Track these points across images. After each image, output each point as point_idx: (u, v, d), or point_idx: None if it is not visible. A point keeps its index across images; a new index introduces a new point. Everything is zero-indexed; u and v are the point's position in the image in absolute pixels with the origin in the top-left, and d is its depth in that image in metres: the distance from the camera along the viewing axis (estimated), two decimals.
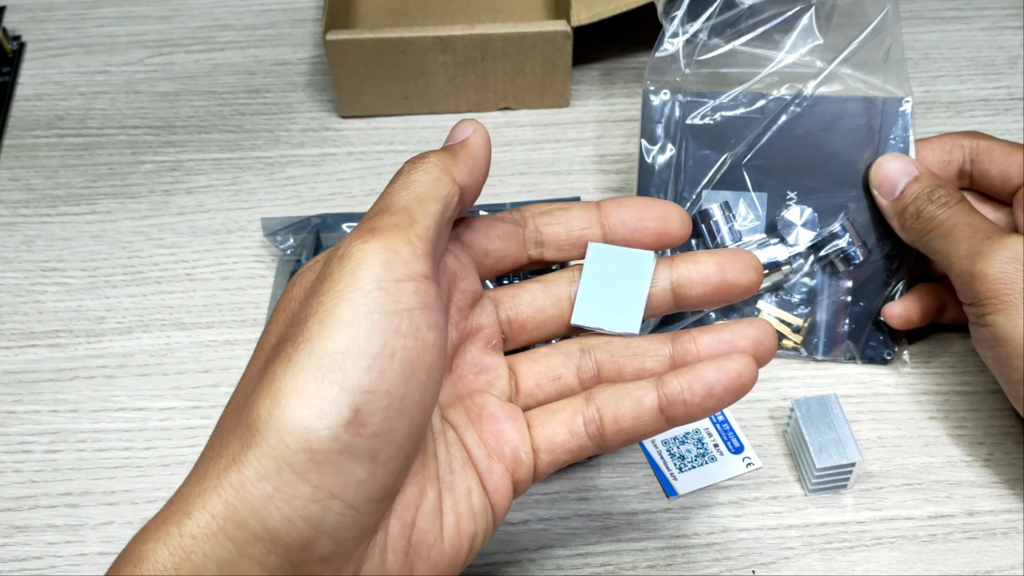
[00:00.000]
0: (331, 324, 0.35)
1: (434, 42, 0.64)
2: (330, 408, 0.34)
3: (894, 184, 0.54)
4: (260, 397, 0.35)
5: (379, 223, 0.37)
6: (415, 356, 0.36)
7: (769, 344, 0.43)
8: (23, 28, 0.74)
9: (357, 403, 0.34)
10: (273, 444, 0.34)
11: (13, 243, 0.62)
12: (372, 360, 0.35)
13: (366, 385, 0.35)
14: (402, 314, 0.36)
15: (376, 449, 0.35)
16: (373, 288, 0.36)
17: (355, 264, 0.36)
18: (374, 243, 0.36)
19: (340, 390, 0.34)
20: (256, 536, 0.34)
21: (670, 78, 0.59)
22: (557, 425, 0.43)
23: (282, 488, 0.34)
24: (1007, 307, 0.48)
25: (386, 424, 0.35)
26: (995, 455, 0.53)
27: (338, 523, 0.35)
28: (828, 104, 0.57)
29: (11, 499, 0.52)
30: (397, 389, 0.35)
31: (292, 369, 0.35)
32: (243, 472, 0.34)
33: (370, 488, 0.35)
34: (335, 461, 0.34)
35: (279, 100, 0.70)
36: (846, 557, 0.50)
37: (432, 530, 0.39)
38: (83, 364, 0.57)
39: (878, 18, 0.57)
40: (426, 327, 0.36)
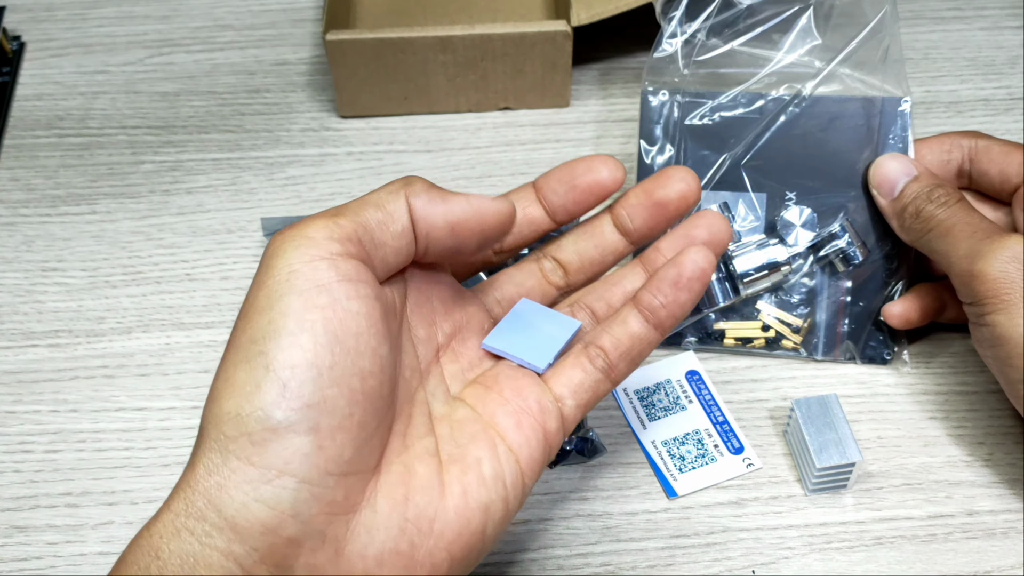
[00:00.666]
0: (250, 314, 0.37)
1: (434, 42, 0.64)
2: (255, 389, 0.35)
3: (893, 184, 0.54)
4: (208, 399, 0.37)
5: (304, 218, 0.39)
6: (336, 325, 0.36)
7: (721, 228, 0.47)
8: (23, 28, 0.74)
9: (282, 379, 0.35)
10: (215, 437, 0.35)
11: (13, 243, 0.63)
12: (290, 337, 0.36)
13: (288, 361, 0.35)
14: (316, 289, 0.36)
15: (314, 420, 0.35)
16: (285, 271, 0.37)
17: (270, 254, 0.38)
18: (289, 232, 0.38)
19: (264, 371, 0.35)
20: (215, 526, 0.35)
21: (669, 78, 0.58)
22: (570, 370, 0.44)
23: (230, 476, 0.35)
24: (1007, 306, 0.48)
25: (317, 394, 0.36)
26: (995, 455, 0.53)
27: (295, 500, 0.35)
28: (827, 104, 0.57)
29: (11, 499, 0.52)
30: (322, 359, 0.36)
31: (223, 365, 0.37)
32: (196, 470, 0.35)
33: (320, 461, 0.35)
34: (273, 439, 0.35)
35: (279, 100, 0.70)
36: (846, 557, 0.50)
37: (432, 503, 0.39)
38: (83, 364, 0.57)
39: (876, 18, 0.57)
40: (345, 297, 0.37)
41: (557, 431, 0.43)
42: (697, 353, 0.57)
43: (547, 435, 0.42)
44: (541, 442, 0.42)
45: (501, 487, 0.41)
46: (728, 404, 0.55)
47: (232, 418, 0.35)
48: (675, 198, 0.47)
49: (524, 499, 0.42)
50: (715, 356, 0.57)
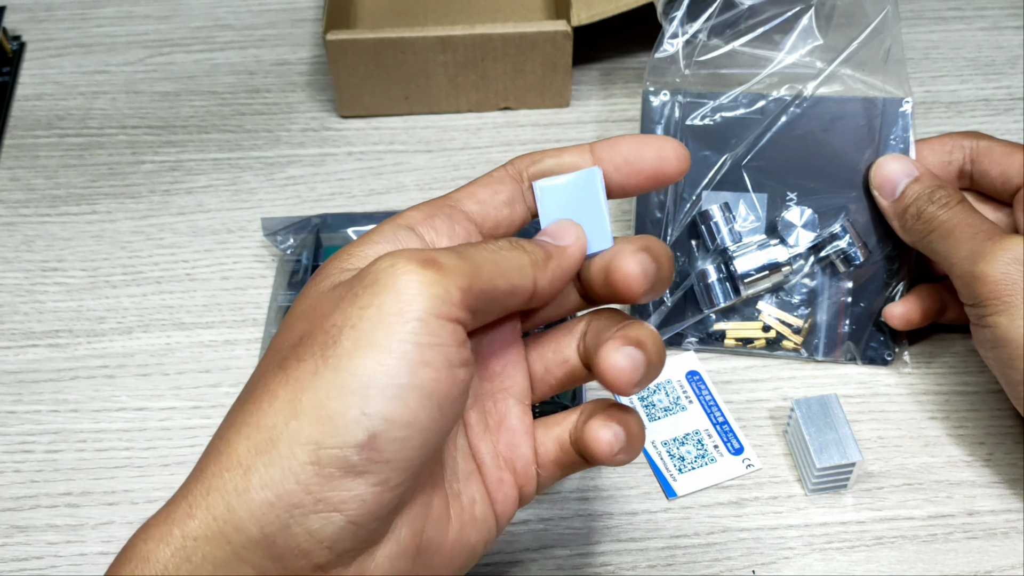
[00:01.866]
0: (364, 344, 0.35)
1: (434, 42, 0.64)
2: (346, 429, 0.34)
3: (894, 185, 0.54)
4: (278, 403, 0.35)
5: (443, 259, 0.36)
6: (442, 390, 0.35)
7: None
8: (23, 28, 0.74)
9: (374, 429, 0.34)
10: (284, 455, 0.34)
11: (13, 243, 0.62)
12: (397, 389, 0.34)
13: (387, 413, 0.34)
14: (436, 348, 0.35)
15: (386, 474, 0.35)
16: (415, 318, 0.35)
17: (403, 288, 0.35)
18: (431, 274, 0.35)
19: (360, 413, 0.34)
20: (254, 540, 0.34)
21: (670, 79, 0.58)
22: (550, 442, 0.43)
23: (284, 498, 0.34)
24: (1008, 308, 0.48)
25: (402, 453, 0.35)
26: (995, 455, 0.53)
27: (337, 535, 0.35)
28: (828, 105, 0.57)
29: (11, 499, 0.52)
30: (419, 421, 0.35)
31: (316, 382, 0.35)
32: (249, 477, 0.34)
33: (374, 507, 0.35)
34: (341, 479, 0.34)
35: (279, 100, 0.70)
36: (846, 557, 0.50)
37: (438, 538, 0.39)
38: (83, 364, 0.57)
39: (878, 18, 0.57)
40: (458, 363, 0.36)
41: (531, 495, 0.43)
42: (697, 353, 0.57)
43: (522, 497, 0.43)
44: (514, 501, 0.42)
45: (486, 531, 0.41)
46: (728, 404, 0.55)
47: (310, 444, 0.34)
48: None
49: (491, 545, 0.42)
50: (715, 356, 0.57)
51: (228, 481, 0.35)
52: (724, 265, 0.56)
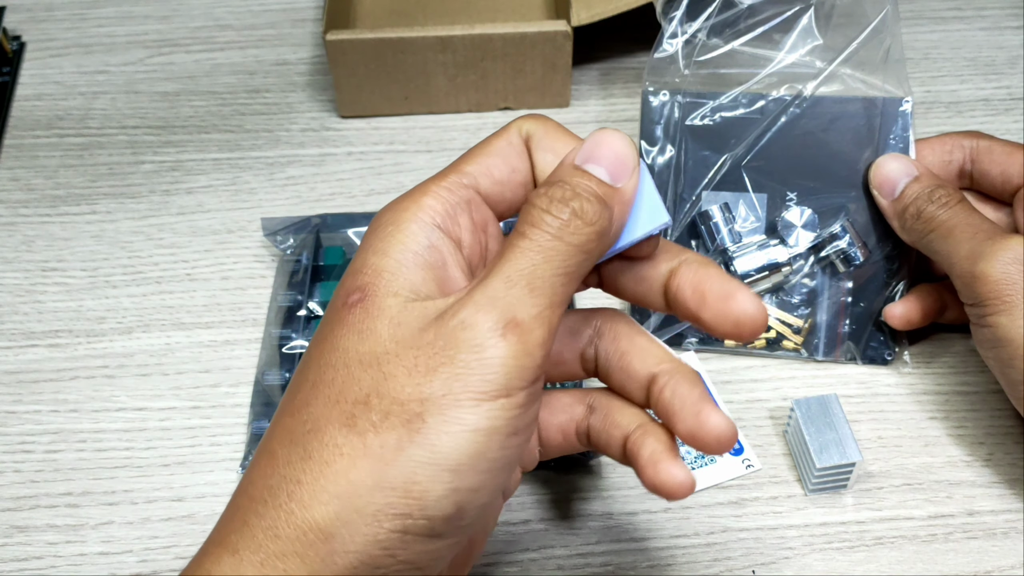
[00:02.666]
0: (452, 422, 0.34)
1: (434, 42, 0.64)
2: (436, 504, 0.34)
3: (894, 184, 0.54)
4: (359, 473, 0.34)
5: (521, 315, 0.34)
6: (515, 459, 0.36)
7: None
8: (23, 28, 0.74)
9: (463, 503, 0.34)
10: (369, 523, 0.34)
11: (13, 243, 0.62)
12: (489, 463, 0.34)
13: (475, 485, 0.34)
14: (519, 418, 0.35)
15: (463, 535, 0.36)
16: (504, 395, 0.34)
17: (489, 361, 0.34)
18: (515, 343, 0.34)
19: (451, 489, 0.34)
20: None
21: (669, 79, 0.58)
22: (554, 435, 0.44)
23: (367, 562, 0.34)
24: (1009, 308, 0.48)
25: (478, 517, 0.36)
26: (995, 455, 0.53)
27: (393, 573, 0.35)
28: (828, 104, 0.57)
29: (11, 499, 0.52)
30: (496, 487, 0.36)
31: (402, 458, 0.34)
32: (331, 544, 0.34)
33: (444, 559, 0.36)
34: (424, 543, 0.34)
35: (279, 100, 0.70)
36: (846, 557, 0.50)
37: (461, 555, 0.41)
38: (83, 364, 0.57)
39: (878, 18, 0.57)
40: (525, 428, 0.36)
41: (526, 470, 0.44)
42: (698, 353, 0.57)
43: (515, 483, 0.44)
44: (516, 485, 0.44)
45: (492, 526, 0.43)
46: (728, 404, 0.55)
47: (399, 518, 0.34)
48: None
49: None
50: (715, 356, 0.57)
51: (309, 547, 0.34)
52: (724, 265, 0.56)
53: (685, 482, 0.38)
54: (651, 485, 0.39)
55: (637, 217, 0.39)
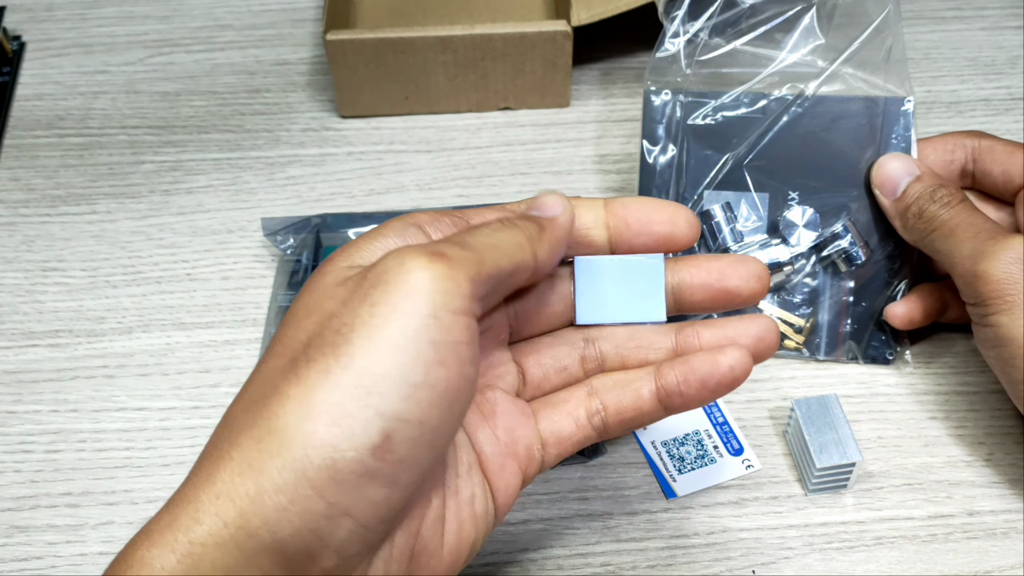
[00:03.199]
0: (379, 344, 0.34)
1: (434, 42, 0.64)
2: (361, 431, 0.33)
3: (896, 184, 0.54)
4: (290, 404, 0.34)
5: (449, 251, 0.36)
6: (454, 390, 0.35)
7: (771, 341, 0.43)
8: (23, 28, 0.74)
9: (389, 429, 0.34)
10: (297, 457, 0.33)
11: (13, 243, 0.62)
12: (412, 389, 0.34)
13: (402, 413, 0.34)
14: (450, 346, 0.35)
15: (398, 475, 0.35)
16: (429, 314, 0.34)
17: (415, 284, 0.35)
18: (439, 268, 0.35)
19: (375, 414, 0.34)
20: (265, 546, 0.34)
21: (671, 78, 0.58)
22: (562, 417, 0.43)
23: (297, 502, 0.33)
24: (1010, 307, 0.48)
25: (413, 452, 0.35)
26: (995, 455, 0.53)
27: (346, 540, 0.34)
28: (830, 104, 0.57)
29: (11, 499, 0.52)
30: (430, 420, 0.35)
31: (329, 383, 0.34)
32: (261, 482, 0.34)
33: (384, 510, 0.35)
34: (355, 483, 0.34)
35: (279, 100, 0.70)
36: (846, 557, 0.50)
37: (434, 538, 0.39)
38: (83, 364, 0.57)
39: (880, 17, 0.57)
40: (468, 362, 0.36)
41: (533, 475, 0.43)
42: None
43: (524, 481, 0.42)
44: (517, 488, 0.42)
45: (486, 525, 0.41)
46: (728, 404, 0.55)
47: (325, 447, 0.33)
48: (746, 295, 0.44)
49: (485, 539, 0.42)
50: None
51: (239, 486, 0.34)
52: None
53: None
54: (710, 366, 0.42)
55: (639, 304, 0.44)
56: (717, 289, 0.44)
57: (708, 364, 0.42)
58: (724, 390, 0.42)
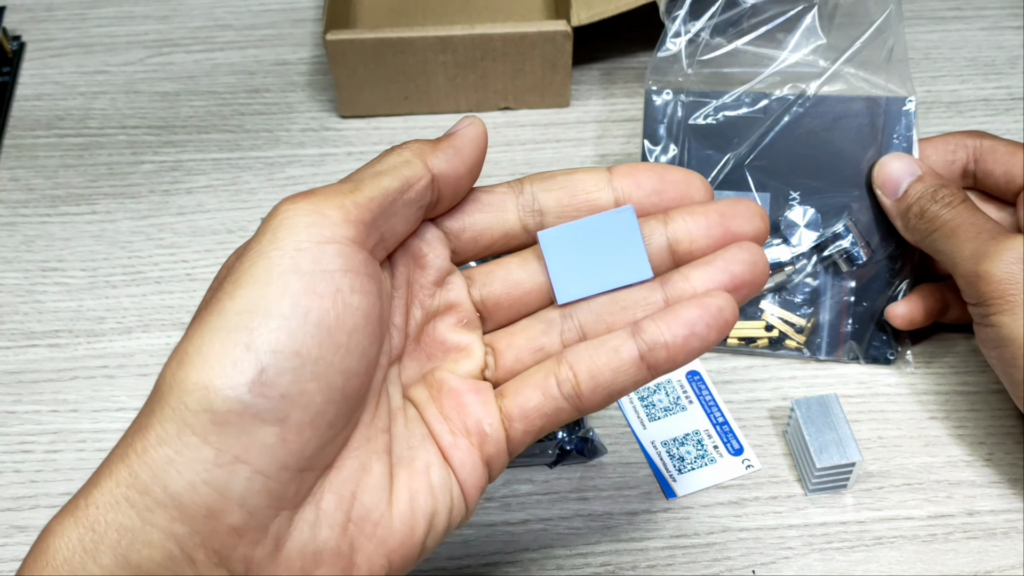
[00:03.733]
0: (244, 283, 0.34)
1: (434, 42, 0.64)
2: (233, 367, 0.33)
3: (897, 184, 0.54)
4: (169, 360, 0.34)
5: (320, 189, 0.36)
6: (333, 318, 0.34)
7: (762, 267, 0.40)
8: (23, 28, 0.74)
9: (262, 363, 0.33)
10: (174, 406, 0.33)
11: (13, 243, 0.62)
12: (281, 320, 0.34)
13: (273, 345, 0.33)
14: (320, 275, 0.34)
15: (284, 412, 0.34)
16: (291, 248, 0.35)
17: (278, 223, 0.35)
18: (303, 204, 0.35)
19: (245, 349, 0.33)
20: (159, 502, 0.33)
21: (672, 78, 0.58)
22: (529, 390, 0.40)
23: (183, 451, 0.33)
24: (1012, 307, 0.48)
25: (296, 386, 0.34)
26: (996, 455, 0.53)
27: (246, 490, 0.33)
28: (831, 104, 0.57)
29: (11, 499, 0.52)
30: (309, 351, 0.34)
31: (200, 329, 0.34)
32: (146, 437, 0.33)
33: (281, 454, 0.34)
34: (238, 423, 0.33)
35: (279, 100, 0.70)
36: (846, 557, 0.50)
37: (378, 506, 0.37)
38: (83, 364, 0.57)
39: (881, 17, 0.57)
40: (349, 290, 0.35)
41: (498, 455, 0.40)
42: None
43: (487, 459, 0.40)
44: (478, 466, 0.39)
45: (447, 498, 0.39)
46: (728, 404, 0.55)
47: (198, 390, 0.33)
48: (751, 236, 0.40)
49: (467, 517, 0.40)
50: (716, 356, 0.57)
51: (127, 445, 0.34)
52: None
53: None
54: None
55: (620, 267, 0.40)
56: (721, 234, 0.40)
57: (695, 308, 0.38)
58: (715, 336, 0.38)
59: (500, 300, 0.42)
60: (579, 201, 0.41)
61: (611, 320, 0.41)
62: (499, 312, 0.42)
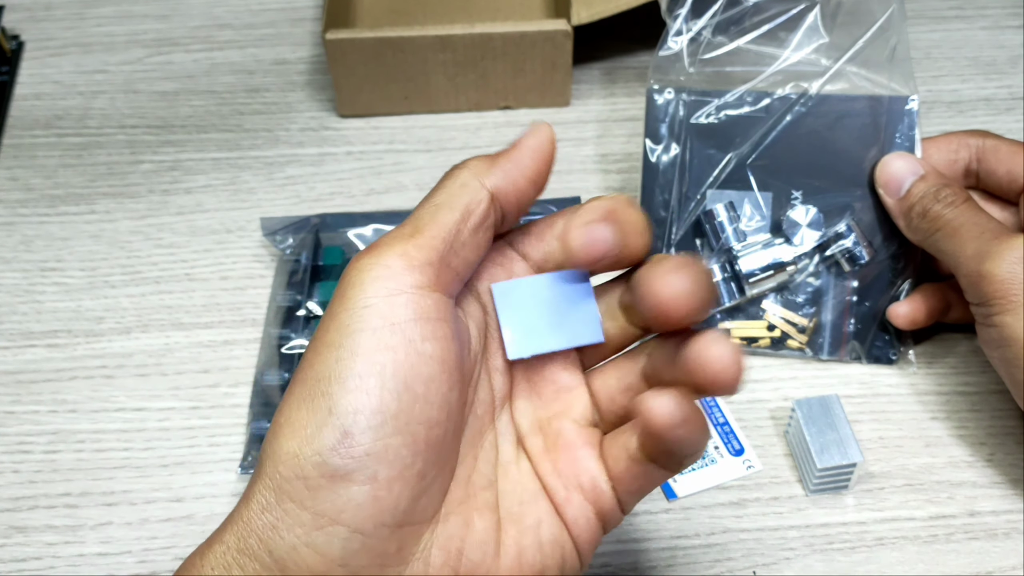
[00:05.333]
0: (320, 349, 0.35)
1: (434, 41, 0.64)
2: (315, 432, 0.34)
3: (900, 183, 0.54)
4: (267, 432, 0.36)
5: (383, 238, 0.36)
6: (407, 370, 0.34)
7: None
8: (22, 27, 0.74)
9: (344, 425, 0.34)
10: (271, 474, 0.34)
11: (12, 243, 0.62)
12: (358, 380, 0.34)
13: (352, 406, 0.34)
14: (389, 328, 0.34)
15: (372, 469, 0.34)
16: (360, 306, 0.35)
17: (347, 284, 0.36)
18: (366, 259, 0.36)
19: (328, 414, 0.34)
20: (266, 566, 0.34)
21: (674, 77, 0.58)
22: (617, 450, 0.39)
23: (283, 517, 0.34)
24: (1014, 307, 0.48)
25: (379, 443, 0.34)
26: (996, 455, 0.53)
27: (344, 549, 0.34)
28: (833, 103, 0.57)
29: (10, 499, 0.52)
30: (388, 406, 0.34)
31: (288, 400, 0.35)
32: (250, 505, 0.35)
33: (375, 511, 0.34)
34: (329, 486, 0.34)
35: (278, 99, 0.70)
36: (847, 558, 0.50)
37: (485, 562, 0.37)
38: (82, 364, 0.57)
39: (884, 16, 0.57)
40: (420, 339, 0.35)
41: (611, 512, 0.39)
42: None
43: (602, 516, 0.39)
44: (591, 521, 0.39)
45: (559, 555, 0.38)
46: (729, 404, 0.55)
47: (290, 458, 0.34)
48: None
49: (581, 571, 0.39)
50: None
51: (236, 513, 0.35)
52: (729, 264, 0.56)
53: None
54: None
55: (572, 327, 0.40)
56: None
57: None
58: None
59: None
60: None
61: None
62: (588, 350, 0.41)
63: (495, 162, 0.38)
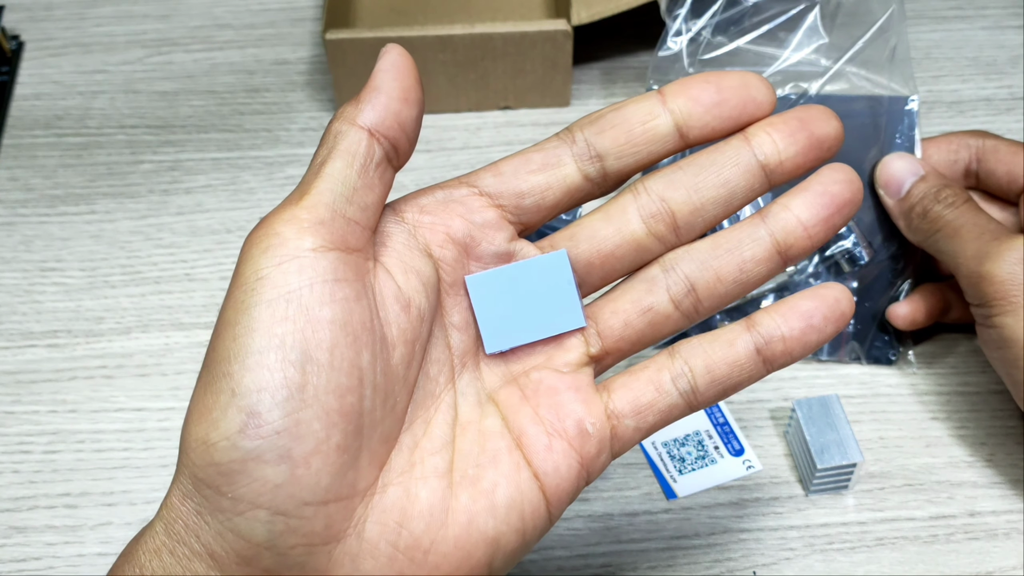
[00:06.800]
0: (219, 330, 0.34)
1: (434, 41, 0.64)
2: (221, 416, 0.33)
3: (900, 183, 0.54)
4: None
5: (273, 209, 0.35)
6: (306, 339, 0.33)
7: (858, 183, 0.39)
8: (22, 27, 0.74)
9: (249, 405, 0.32)
10: (186, 463, 0.34)
11: (11, 243, 0.62)
12: (257, 356, 0.33)
13: (255, 384, 0.32)
14: (285, 297, 0.33)
15: (285, 447, 0.33)
16: (252, 280, 0.33)
17: (241, 260, 0.34)
18: (256, 232, 0.34)
19: (229, 395, 0.33)
20: (194, 552, 0.34)
21: (673, 77, 0.58)
22: (642, 385, 0.38)
23: (204, 504, 0.33)
24: (1015, 308, 0.48)
25: (289, 418, 0.33)
26: (997, 455, 0.53)
27: (270, 532, 0.33)
28: (833, 103, 0.57)
29: (10, 500, 0.52)
30: (292, 380, 0.33)
31: (196, 384, 0.34)
32: (172, 494, 0.34)
33: (294, 490, 0.33)
34: (242, 469, 0.33)
35: (278, 100, 0.70)
36: (847, 558, 0.50)
37: (429, 532, 0.35)
38: (82, 364, 0.57)
39: (884, 16, 0.57)
40: (317, 304, 0.33)
41: (597, 456, 0.38)
42: None
43: (584, 462, 0.38)
44: (573, 469, 0.37)
45: (516, 518, 0.37)
46: (729, 404, 0.55)
47: (199, 445, 0.33)
48: (833, 137, 0.38)
49: (547, 529, 0.38)
50: None
51: (165, 500, 0.35)
52: None
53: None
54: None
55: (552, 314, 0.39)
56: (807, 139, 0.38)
57: (809, 299, 0.38)
58: (832, 328, 0.38)
59: (591, 262, 0.39)
60: (637, 136, 0.38)
61: (718, 265, 0.39)
62: (592, 275, 0.40)
63: (359, 99, 0.36)
